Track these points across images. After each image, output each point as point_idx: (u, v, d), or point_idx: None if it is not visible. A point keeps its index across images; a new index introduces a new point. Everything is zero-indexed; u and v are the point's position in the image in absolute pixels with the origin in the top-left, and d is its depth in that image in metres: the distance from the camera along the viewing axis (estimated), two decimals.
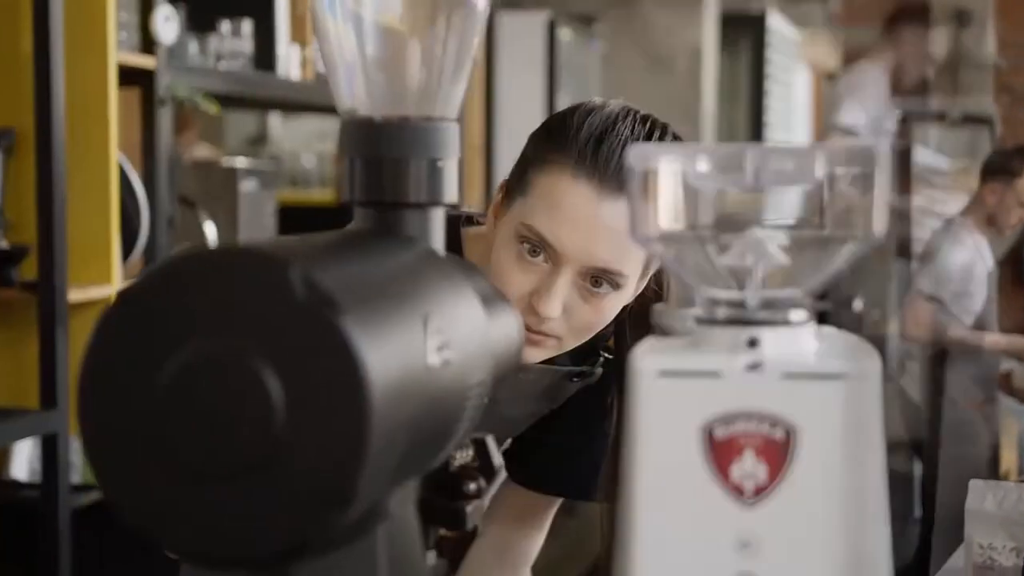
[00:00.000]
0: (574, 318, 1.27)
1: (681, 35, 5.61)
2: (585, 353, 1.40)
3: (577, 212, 1.23)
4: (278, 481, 0.61)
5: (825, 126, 4.53)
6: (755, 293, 0.72)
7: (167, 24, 2.69)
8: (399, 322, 0.68)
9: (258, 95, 3.28)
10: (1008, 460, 4.67)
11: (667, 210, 0.73)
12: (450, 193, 0.84)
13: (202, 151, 4.06)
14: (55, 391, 2.38)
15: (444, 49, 0.84)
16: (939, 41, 9.66)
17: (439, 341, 0.71)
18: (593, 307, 1.27)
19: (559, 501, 1.57)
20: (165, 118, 2.73)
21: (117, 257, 2.59)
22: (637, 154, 0.72)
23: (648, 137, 1.28)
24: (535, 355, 1.29)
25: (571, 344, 1.30)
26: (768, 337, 0.70)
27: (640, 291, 1.34)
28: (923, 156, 4.69)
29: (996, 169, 4.36)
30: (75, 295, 2.47)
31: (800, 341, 0.71)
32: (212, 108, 2.81)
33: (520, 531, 1.58)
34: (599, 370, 1.44)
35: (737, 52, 7.55)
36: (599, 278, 1.25)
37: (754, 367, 0.69)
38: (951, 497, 2.63)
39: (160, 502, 0.62)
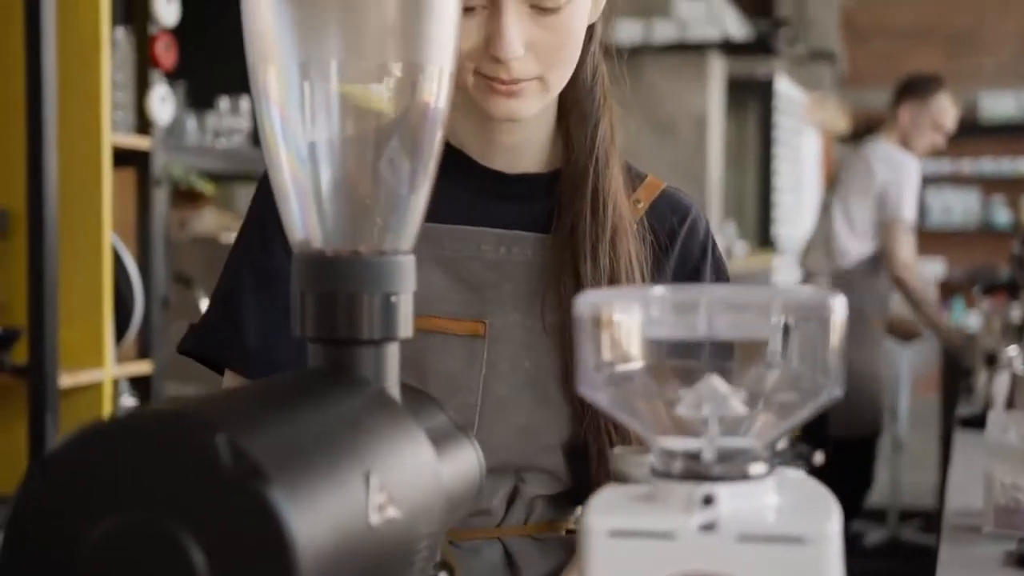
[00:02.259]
0: (540, 48, 1.16)
1: (687, 101, 5.61)
2: None
3: None
4: None
5: (883, 220, 4.52)
6: (711, 444, 0.69)
7: (163, 104, 2.69)
8: (337, 483, 0.65)
9: (256, 172, 3.28)
10: None
11: (617, 357, 0.70)
12: (405, 328, 0.82)
13: (210, 219, 4.06)
14: None
15: (398, 181, 0.82)
16: None
17: (383, 498, 0.69)
18: (555, 29, 1.16)
19: None
20: (160, 198, 2.72)
21: (110, 340, 2.57)
22: (586, 301, 0.69)
23: None
24: (523, 107, 1.19)
25: (557, 80, 1.20)
26: (724, 494, 0.67)
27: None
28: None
29: (911, 90, 4.50)
30: (66, 380, 2.45)
31: (759, 497, 0.68)
32: (207, 188, 2.80)
33: None
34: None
35: (745, 116, 7.56)
36: None
37: (708, 527, 0.66)
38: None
39: None
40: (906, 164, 4.47)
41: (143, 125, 2.70)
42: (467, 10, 1.15)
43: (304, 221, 0.82)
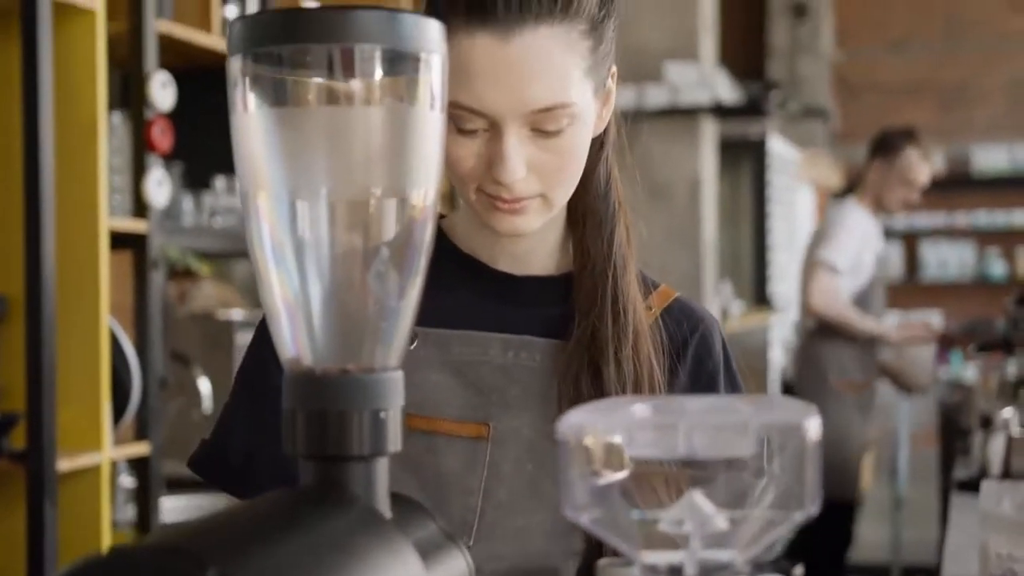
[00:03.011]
0: (542, 169, 1.17)
1: (680, 164, 5.66)
2: None
3: (485, 66, 1.12)
4: None
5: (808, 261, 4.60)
6: (693, 559, 0.71)
7: (159, 188, 2.72)
8: None
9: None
10: (867, 477, 4.69)
11: (600, 475, 0.72)
12: (394, 443, 0.83)
13: (210, 292, 4.08)
14: (43, 564, 2.36)
15: (386, 301, 0.84)
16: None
17: None
18: (556, 150, 1.16)
19: None
20: (157, 280, 2.74)
21: (108, 423, 2.58)
22: (569, 425, 0.71)
23: None
24: (526, 223, 1.19)
25: (560, 197, 1.20)
26: None
27: (607, 113, 1.25)
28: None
29: (879, 147, 4.51)
30: (64, 464, 2.46)
31: None
32: (203, 270, 2.82)
33: None
34: None
35: (738, 175, 7.60)
36: (547, 118, 1.15)
37: None
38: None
39: None
40: (851, 212, 4.49)
41: (140, 208, 2.73)
42: (469, 132, 1.16)
43: (294, 340, 0.84)
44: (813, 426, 0.69)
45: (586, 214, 1.28)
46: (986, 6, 10.11)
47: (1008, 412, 3.05)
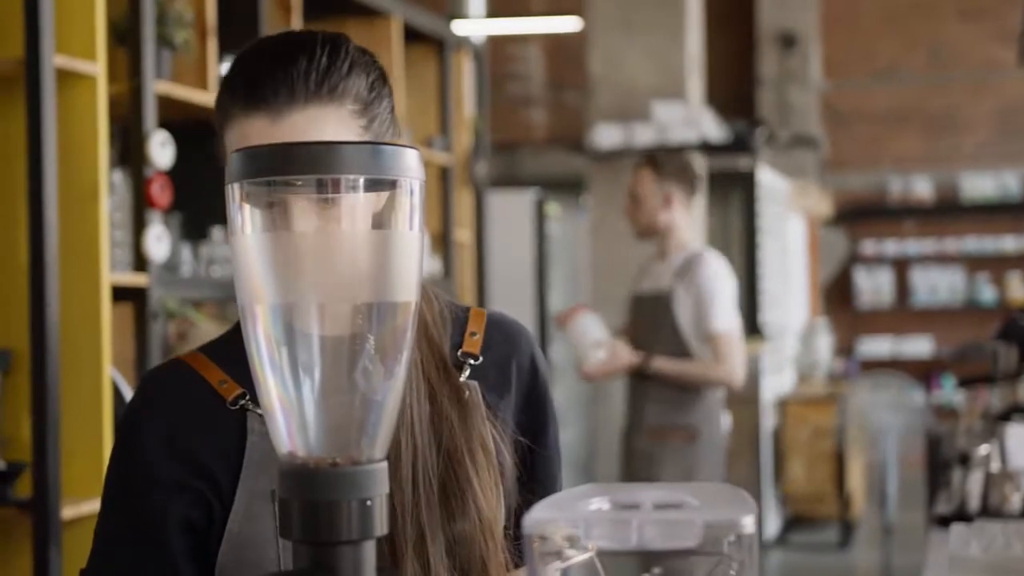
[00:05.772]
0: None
1: None
2: None
3: (259, 143, 1.15)
4: None
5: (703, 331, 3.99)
6: None
7: (159, 243, 2.81)
8: None
9: None
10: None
11: (561, 566, 0.81)
12: (381, 527, 0.92)
13: (207, 332, 4.16)
14: None
15: (371, 399, 0.93)
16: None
17: None
18: (336, 222, 1.15)
19: None
20: (157, 331, 2.83)
21: None
22: (533, 520, 0.80)
23: (292, 42, 1.25)
24: None
25: None
26: None
27: None
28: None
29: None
30: (69, 511, 2.54)
31: None
32: (200, 320, 2.92)
33: None
34: None
35: (728, 207, 7.71)
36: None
37: None
38: None
39: None
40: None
41: (140, 262, 2.82)
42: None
43: (289, 435, 0.93)
44: (750, 522, 0.78)
45: None
46: (969, 37, 10.24)
47: (986, 449, 3.11)
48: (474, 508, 1.26)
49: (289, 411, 0.92)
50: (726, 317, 3.90)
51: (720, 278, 3.96)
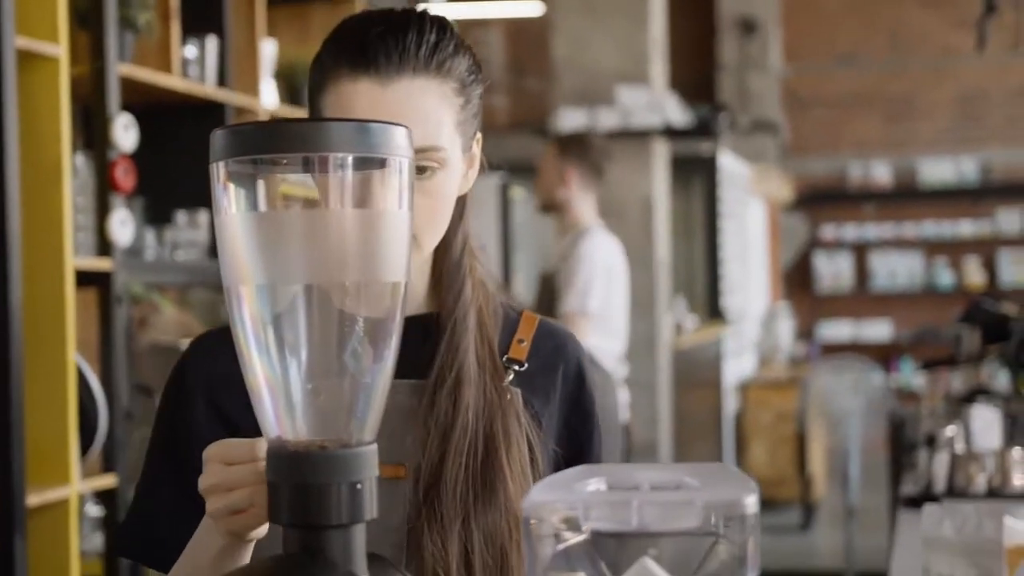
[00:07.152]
0: (415, 211, 1.18)
1: (633, 185, 5.75)
2: None
3: (365, 106, 1.22)
4: None
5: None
6: None
7: (123, 227, 2.77)
8: None
9: (214, 282, 3.36)
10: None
11: (559, 548, 0.80)
12: (371, 510, 0.91)
13: (169, 318, 4.12)
14: None
15: (360, 381, 0.91)
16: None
17: None
18: (428, 193, 1.24)
19: None
20: (121, 315, 2.79)
21: (76, 457, 2.63)
22: (531, 503, 0.79)
23: (402, 14, 1.27)
24: None
25: (428, 241, 1.27)
26: None
27: (472, 175, 1.33)
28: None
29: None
30: (34, 499, 2.50)
31: None
32: (165, 305, 2.88)
33: None
34: None
35: (690, 191, 7.72)
36: (420, 158, 1.20)
37: None
38: None
39: None
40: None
41: (104, 247, 2.78)
42: None
43: (277, 419, 0.91)
44: (752, 502, 0.77)
45: (442, 271, 1.34)
46: (928, 23, 10.30)
47: (952, 430, 3.13)
48: (503, 498, 1.25)
49: (277, 393, 0.91)
50: (575, 299, 3.87)
51: (588, 259, 3.93)
